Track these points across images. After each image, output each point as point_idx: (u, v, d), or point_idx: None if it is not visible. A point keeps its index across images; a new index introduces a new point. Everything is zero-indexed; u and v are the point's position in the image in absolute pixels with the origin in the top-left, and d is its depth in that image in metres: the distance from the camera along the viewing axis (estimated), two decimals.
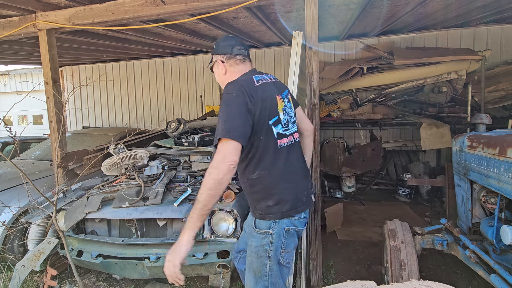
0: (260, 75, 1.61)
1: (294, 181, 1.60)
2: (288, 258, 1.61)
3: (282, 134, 1.56)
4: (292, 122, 1.66)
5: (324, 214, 3.77)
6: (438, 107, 5.30)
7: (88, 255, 2.56)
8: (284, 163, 1.56)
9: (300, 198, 1.60)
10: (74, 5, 3.27)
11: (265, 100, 1.50)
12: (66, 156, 3.37)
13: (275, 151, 1.54)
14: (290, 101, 1.68)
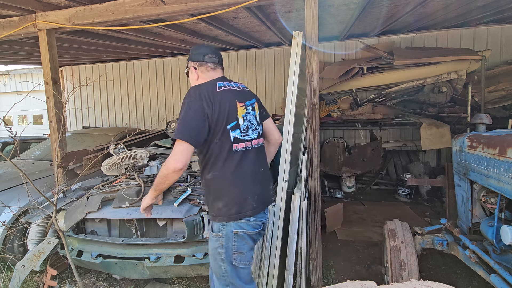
0: (225, 82, 1.70)
1: (243, 185, 1.65)
2: (243, 260, 1.66)
3: (240, 139, 1.64)
4: (253, 129, 1.72)
5: (324, 214, 3.77)
6: (438, 107, 5.30)
7: (88, 255, 2.56)
8: (236, 167, 1.62)
9: (249, 202, 1.64)
10: (74, 5, 3.27)
11: (223, 105, 1.59)
12: (66, 156, 3.37)
13: (229, 154, 1.61)
14: (255, 110, 1.76)
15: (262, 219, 1.72)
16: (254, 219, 1.66)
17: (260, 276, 2.36)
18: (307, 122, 2.73)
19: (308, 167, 2.68)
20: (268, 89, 6.67)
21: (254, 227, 1.67)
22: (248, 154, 1.67)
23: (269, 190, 1.79)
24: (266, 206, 1.75)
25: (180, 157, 1.51)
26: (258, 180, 1.71)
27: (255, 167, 1.70)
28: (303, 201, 2.52)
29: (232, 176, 1.62)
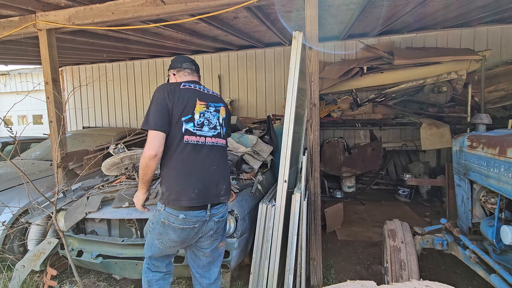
0: (195, 84, 1.88)
1: (186, 176, 1.75)
2: (165, 244, 1.81)
3: (192, 132, 1.76)
4: (210, 128, 1.84)
5: (324, 214, 3.77)
6: (438, 107, 5.30)
7: (88, 255, 2.56)
8: (184, 157, 1.75)
9: (188, 194, 1.73)
10: (74, 5, 3.27)
11: (181, 99, 1.75)
12: (66, 156, 3.37)
13: (179, 145, 1.74)
14: (219, 113, 1.91)
15: (195, 218, 1.76)
16: (184, 217, 1.73)
17: (260, 276, 2.36)
18: (307, 122, 2.73)
19: (308, 167, 2.68)
20: (268, 89, 6.67)
21: (182, 224, 1.74)
22: (199, 148, 1.78)
23: (216, 189, 1.82)
24: (207, 203, 1.78)
25: (152, 144, 1.68)
26: (203, 176, 1.78)
27: (203, 162, 1.79)
28: (303, 201, 2.52)
29: (178, 166, 1.75)
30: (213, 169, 1.82)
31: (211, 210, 1.81)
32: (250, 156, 3.33)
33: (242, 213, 2.40)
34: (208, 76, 6.98)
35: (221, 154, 1.90)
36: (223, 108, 1.94)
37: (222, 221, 1.92)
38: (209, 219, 1.82)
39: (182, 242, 1.83)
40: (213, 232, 1.87)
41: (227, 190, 1.90)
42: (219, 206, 1.87)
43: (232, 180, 2.89)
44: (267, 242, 2.38)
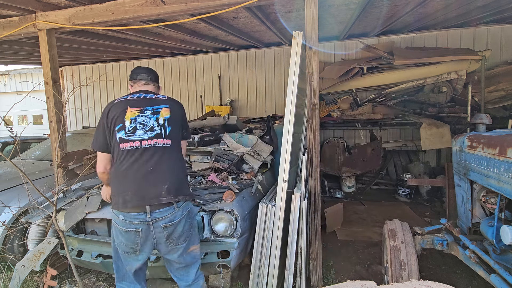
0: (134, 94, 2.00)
1: (122, 180, 1.85)
2: (120, 247, 1.90)
3: (124, 139, 1.85)
4: (145, 130, 1.87)
5: (324, 214, 3.77)
6: (438, 107, 5.30)
7: (88, 255, 2.56)
8: (121, 163, 1.85)
9: (123, 197, 1.82)
10: (74, 5, 3.27)
11: (112, 113, 1.89)
12: (66, 156, 3.37)
13: (118, 152, 1.87)
14: (159, 114, 1.93)
15: (135, 220, 1.80)
16: (124, 218, 1.82)
17: (260, 276, 2.36)
18: (307, 122, 2.73)
19: (308, 167, 2.68)
20: (268, 89, 6.67)
21: (124, 226, 1.83)
22: (134, 152, 1.85)
23: (154, 190, 1.82)
24: (143, 204, 1.80)
25: (99, 163, 1.97)
26: (136, 178, 1.82)
27: (137, 165, 1.84)
28: (303, 201, 2.52)
29: (117, 171, 1.87)
30: (148, 171, 1.83)
31: (152, 213, 1.80)
32: (250, 156, 3.33)
33: (242, 213, 2.40)
34: (208, 76, 6.98)
35: (162, 154, 1.89)
36: (165, 109, 1.96)
37: (173, 226, 1.85)
38: (154, 223, 1.81)
39: (132, 247, 1.85)
40: (165, 238, 1.85)
41: (172, 191, 1.84)
42: (164, 210, 1.83)
43: (232, 180, 2.89)
44: (267, 242, 2.38)
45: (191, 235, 1.99)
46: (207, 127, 4.37)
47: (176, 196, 1.86)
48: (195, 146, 3.56)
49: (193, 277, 2.00)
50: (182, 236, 1.92)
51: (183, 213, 1.91)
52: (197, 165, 3.34)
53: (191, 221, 2.00)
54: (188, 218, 1.96)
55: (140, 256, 1.90)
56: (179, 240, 1.91)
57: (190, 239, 1.98)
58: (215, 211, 2.39)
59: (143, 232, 1.83)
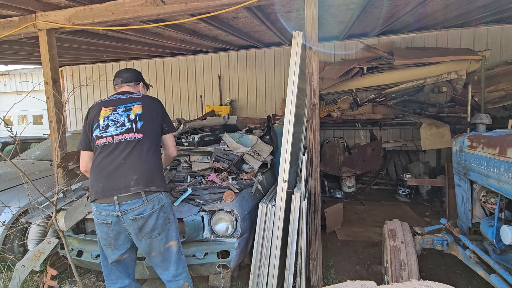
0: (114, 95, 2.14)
1: (95, 174, 1.96)
2: (102, 242, 1.98)
3: (99, 136, 1.99)
4: (117, 126, 1.99)
5: (324, 214, 3.77)
6: (438, 107, 5.30)
7: (88, 255, 2.56)
8: (96, 158, 1.99)
9: (94, 189, 1.92)
10: (74, 5, 3.27)
11: (90, 115, 2.08)
12: (66, 156, 3.37)
13: (96, 149, 2.01)
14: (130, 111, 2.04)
15: (104, 211, 1.88)
16: (96, 210, 1.92)
17: (260, 276, 2.36)
18: (307, 122, 2.73)
19: (308, 167, 2.68)
20: (268, 89, 6.67)
21: (97, 217, 1.93)
22: (107, 147, 1.97)
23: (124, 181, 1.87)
24: (112, 195, 1.86)
25: (80, 162, 2.14)
26: (107, 170, 1.92)
27: (109, 158, 1.94)
28: (303, 201, 2.52)
29: (93, 166, 2.00)
30: (119, 163, 1.92)
31: (120, 205, 1.85)
32: (250, 156, 3.33)
33: (242, 213, 2.40)
34: (208, 76, 6.98)
35: (133, 147, 1.96)
36: (137, 106, 2.06)
37: (142, 219, 1.87)
38: (123, 216, 1.85)
39: (107, 239, 1.94)
40: (137, 231, 1.88)
41: (141, 182, 1.88)
42: (133, 202, 1.85)
43: (232, 180, 2.89)
44: (267, 242, 2.38)
45: (167, 230, 1.97)
46: (207, 127, 4.36)
47: (146, 187, 1.89)
48: (195, 146, 3.56)
49: (173, 274, 2.01)
50: (156, 230, 1.91)
51: (155, 207, 1.91)
52: (197, 165, 3.34)
53: (166, 216, 1.97)
54: (162, 212, 1.94)
55: (116, 250, 1.96)
56: (153, 234, 1.91)
57: (167, 234, 1.97)
58: (215, 211, 2.39)
59: (114, 225, 1.89)
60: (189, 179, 2.95)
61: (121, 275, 2.04)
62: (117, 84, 2.24)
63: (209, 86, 7.00)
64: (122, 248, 1.97)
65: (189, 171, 3.16)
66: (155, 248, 1.94)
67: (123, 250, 1.97)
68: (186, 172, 3.13)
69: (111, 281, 2.05)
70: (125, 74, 2.26)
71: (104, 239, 1.95)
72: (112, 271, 2.04)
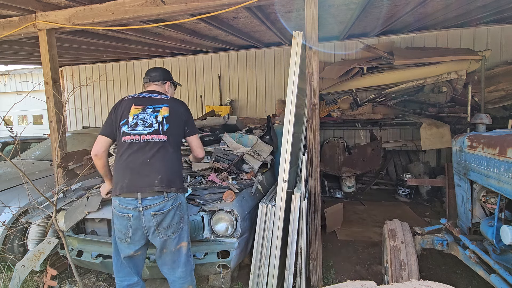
0: (144, 93, 2.22)
1: (121, 169, 2.03)
2: (117, 235, 2.05)
3: (127, 133, 2.06)
4: (145, 126, 2.07)
5: (324, 214, 3.77)
6: (438, 107, 5.30)
7: (88, 255, 2.56)
8: (122, 154, 2.05)
9: (119, 184, 2.00)
10: (74, 5, 3.27)
11: (119, 109, 2.14)
12: (66, 156, 3.37)
13: (122, 144, 2.07)
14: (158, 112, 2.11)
15: (127, 205, 1.97)
16: (119, 203, 1.99)
17: (260, 276, 2.36)
18: (307, 122, 2.73)
19: (308, 167, 2.68)
20: (268, 89, 6.67)
21: (119, 210, 2.00)
22: (134, 145, 2.04)
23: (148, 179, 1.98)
24: (136, 191, 1.96)
25: (94, 146, 2.11)
26: (134, 168, 2.01)
27: (136, 156, 2.02)
28: (303, 201, 2.52)
29: (118, 162, 2.06)
30: (145, 162, 2.01)
31: (143, 200, 1.95)
32: (250, 156, 3.33)
33: (242, 213, 2.40)
34: (208, 76, 6.98)
35: (158, 148, 2.05)
36: (165, 108, 2.13)
37: (162, 215, 1.97)
38: (144, 211, 1.95)
39: (125, 233, 2.00)
40: (155, 227, 1.97)
41: (164, 182, 1.99)
42: (155, 198, 1.96)
43: (232, 180, 2.89)
44: (267, 242, 2.38)
45: (181, 230, 2.06)
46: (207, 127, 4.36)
47: (168, 187, 2.00)
48: None
49: (179, 275, 2.07)
50: (171, 228, 2.01)
51: (173, 204, 2.01)
52: (197, 165, 3.34)
53: (181, 215, 2.07)
54: (179, 210, 2.05)
55: (132, 245, 2.02)
56: (168, 232, 2.00)
57: (180, 234, 2.05)
58: (215, 211, 2.39)
59: (134, 219, 1.97)
60: (189, 179, 2.94)
61: (130, 272, 2.10)
62: (146, 83, 2.34)
63: (209, 86, 7.00)
64: (137, 244, 2.03)
65: (189, 171, 3.16)
66: (167, 246, 2.03)
67: (137, 247, 2.04)
68: (186, 172, 3.13)
69: (120, 277, 2.11)
70: (153, 73, 2.34)
71: (122, 233, 2.01)
72: (122, 267, 2.11)
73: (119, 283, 2.11)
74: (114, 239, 2.10)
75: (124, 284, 2.10)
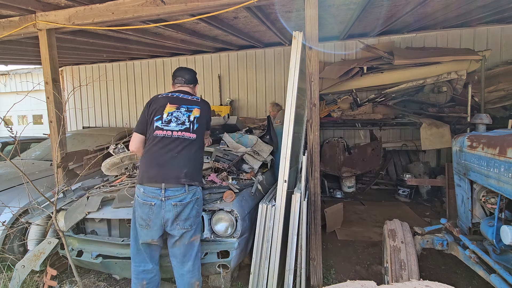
0: (176, 93, 2.37)
1: (150, 160, 2.18)
2: (138, 221, 2.16)
3: (160, 128, 2.22)
4: (178, 123, 2.23)
5: (324, 214, 3.77)
6: (438, 107, 5.30)
7: (88, 255, 2.56)
8: (153, 146, 2.20)
9: (147, 173, 2.15)
10: (74, 5, 3.27)
11: (153, 106, 2.30)
12: (66, 156, 3.37)
13: (152, 137, 2.23)
14: (191, 112, 2.29)
15: (151, 193, 2.10)
16: (143, 191, 2.12)
17: (260, 276, 2.36)
18: (307, 122, 2.73)
19: (308, 167, 2.68)
20: (268, 89, 6.67)
21: (143, 198, 2.12)
22: (165, 140, 2.19)
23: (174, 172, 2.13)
24: (162, 182, 2.10)
25: (131, 143, 2.33)
26: (163, 160, 2.15)
27: (166, 149, 2.17)
28: (303, 201, 2.52)
29: (148, 152, 2.22)
30: (174, 156, 2.16)
31: (166, 190, 2.08)
32: (250, 156, 3.33)
33: (242, 213, 2.40)
34: (208, 76, 6.97)
35: (187, 145, 2.22)
36: (196, 109, 2.32)
37: (181, 206, 2.09)
38: (166, 201, 2.08)
39: (146, 220, 2.11)
40: (174, 218, 2.09)
41: (188, 176, 2.14)
42: (177, 190, 2.10)
43: (232, 180, 2.89)
44: (267, 242, 2.38)
45: (197, 224, 2.20)
46: None
47: (191, 180, 2.15)
48: None
49: (188, 269, 2.16)
50: (189, 220, 2.13)
51: (193, 198, 2.15)
52: None
53: (198, 209, 2.21)
54: (197, 204, 2.19)
55: (150, 233, 2.13)
56: (186, 223, 2.12)
57: (196, 228, 2.19)
58: (215, 211, 2.39)
59: (156, 208, 2.09)
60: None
61: (145, 259, 2.22)
62: (179, 83, 2.47)
63: (209, 86, 7.00)
64: (155, 233, 2.13)
65: None
66: (182, 238, 2.14)
67: (155, 235, 2.14)
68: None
69: (136, 263, 2.23)
70: (187, 75, 2.49)
71: (143, 220, 2.12)
72: (139, 253, 2.22)
73: (135, 268, 2.22)
74: (133, 226, 2.22)
75: (139, 269, 2.21)
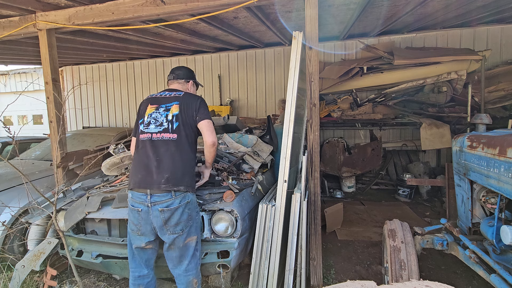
0: (163, 92, 2.33)
1: (135, 165, 2.17)
2: (131, 227, 2.14)
3: (143, 131, 2.20)
4: (156, 125, 2.18)
5: (324, 214, 3.77)
6: (438, 107, 5.30)
7: (88, 255, 2.56)
8: (138, 151, 2.19)
9: (133, 179, 2.12)
10: (74, 5, 3.27)
11: (141, 107, 2.31)
12: (66, 156, 3.37)
13: (139, 142, 2.21)
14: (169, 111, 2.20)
15: (138, 199, 2.07)
16: (131, 197, 2.11)
17: (260, 276, 2.36)
18: (307, 122, 2.73)
19: (308, 167, 2.68)
20: (268, 89, 6.67)
21: (131, 204, 2.12)
22: (146, 143, 2.16)
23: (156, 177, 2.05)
24: (146, 188, 2.05)
25: (131, 147, 2.38)
26: (145, 165, 2.12)
27: (147, 154, 2.14)
28: (303, 201, 2.52)
29: (134, 156, 2.22)
30: (156, 159, 2.10)
31: (152, 196, 2.03)
32: (250, 156, 3.33)
33: (242, 213, 2.40)
34: (208, 76, 6.97)
35: (168, 147, 2.12)
36: (175, 106, 2.20)
37: (169, 212, 2.03)
38: (152, 206, 2.03)
39: (137, 225, 2.09)
40: (163, 223, 2.03)
41: (171, 181, 2.04)
42: (163, 195, 2.03)
43: (232, 180, 2.89)
44: (267, 242, 2.38)
45: (190, 226, 2.11)
46: None
47: (175, 186, 2.05)
48: None
49: (185, 268, 2.13)
50: (179, 225, 2.06)
51: (182, 202, 2.07)
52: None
53: (190, 213, 2.12)
54: (187, 208, 2.10)
55: (142, 237, 2.10)
56: (176, 229, 2.06)
57: (189, 231, 2.11)
58: (215, 211, 2.39)
59: (143, 213, 2.06)
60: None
61: (140, 264, 2.19)
62: (170, 80, 2.42)
63: (209, 86, 7.00)
64: (147, 237, 2.11)
65: None
66: (175, 243, 2.09)
67: (148, 239, 2.11)
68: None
69: (132, 268, 2.20)
70: (177, 71, 2.42)
71: (134, 224, 2.12)
72: (134, 258, 2.19)
73: (131, 274, 2.20)
74: (128, 231, 2.20)
75: (135, 275, 2.18)
